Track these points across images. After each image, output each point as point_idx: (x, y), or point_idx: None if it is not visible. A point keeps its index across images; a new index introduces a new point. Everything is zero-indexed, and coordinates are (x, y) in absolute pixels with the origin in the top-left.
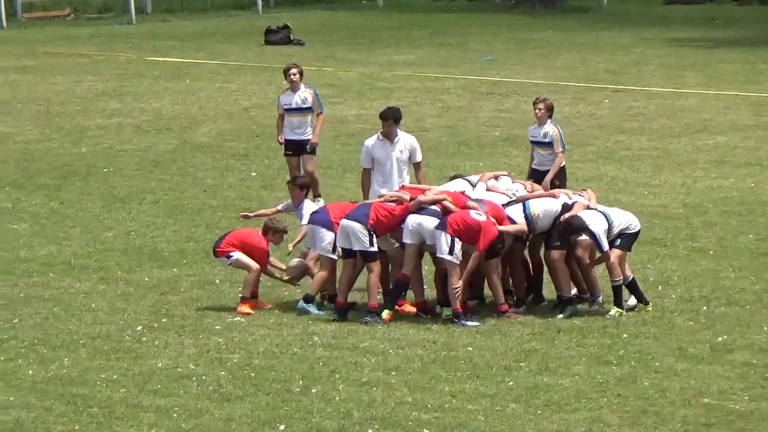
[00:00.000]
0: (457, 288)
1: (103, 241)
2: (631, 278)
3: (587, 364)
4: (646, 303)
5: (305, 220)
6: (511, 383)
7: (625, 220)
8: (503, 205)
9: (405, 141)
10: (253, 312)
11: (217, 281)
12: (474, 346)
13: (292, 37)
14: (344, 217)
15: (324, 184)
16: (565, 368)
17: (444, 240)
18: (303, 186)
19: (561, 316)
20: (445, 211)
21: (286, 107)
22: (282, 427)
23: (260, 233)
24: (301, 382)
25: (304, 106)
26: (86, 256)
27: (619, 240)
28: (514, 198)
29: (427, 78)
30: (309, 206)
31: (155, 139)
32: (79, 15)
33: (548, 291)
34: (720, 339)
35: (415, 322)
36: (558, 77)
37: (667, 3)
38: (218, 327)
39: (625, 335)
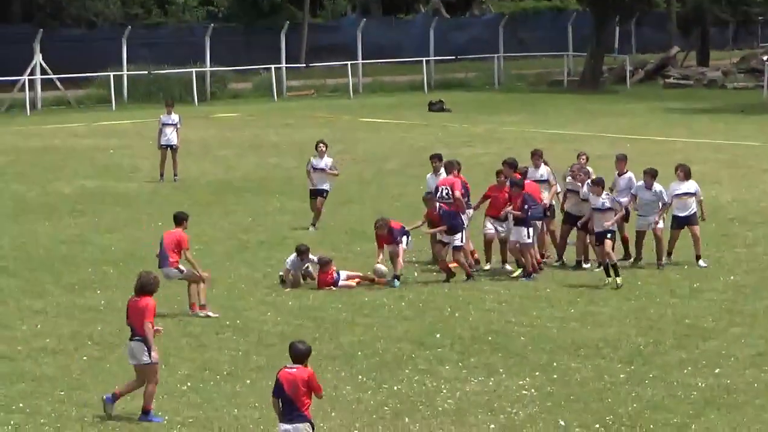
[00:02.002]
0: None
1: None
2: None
3: (618, 299)
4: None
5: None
6: (572, 311)
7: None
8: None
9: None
10: None
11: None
12: (551, 289)
13: (444, 107)
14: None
15: None
16: (605, 302)
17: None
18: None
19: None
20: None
21: (314, 167)
22: (438, 336)
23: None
24: (449, 309)
25: (326, 168)
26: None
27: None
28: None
29: (521, 131)
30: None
31: (361, 166)
32: (319, 94)
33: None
34: (696, 285)
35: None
36: (598, 130)
37: (665, 88)
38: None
39: (639, 282)
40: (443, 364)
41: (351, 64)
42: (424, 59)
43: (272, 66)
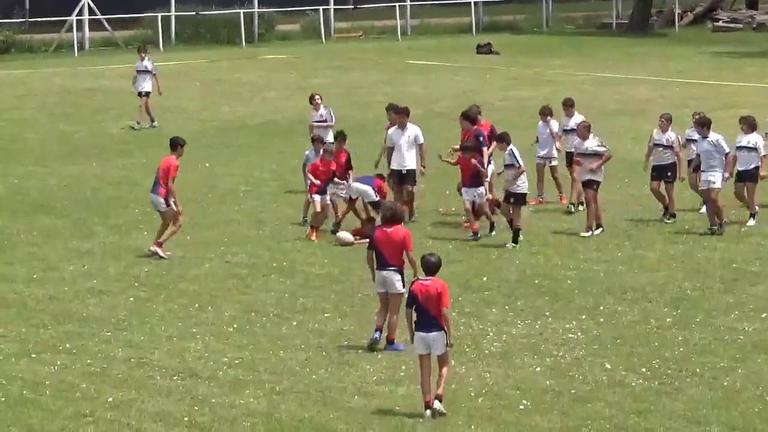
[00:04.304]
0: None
1: None
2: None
3: (665, 243)
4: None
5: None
6: (619, 254)
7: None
8: None
9: (412, 129)
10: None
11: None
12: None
13: (492, 50)
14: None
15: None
16: (652, 246)
17: None
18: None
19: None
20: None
21: (315, 120)
22: (484, 278)
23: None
24: (496, 252)
25: (322, 119)
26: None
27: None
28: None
29: (569, 74)
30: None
31: (410, 109)
32: (366, 36)
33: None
34: (743, 229)
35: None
36: (647, 74)
37: (714, 31)
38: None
39: (686, 226)
40: (490, 307)
41: (399, 5)
42: (472, 1)
43: (320, 7)
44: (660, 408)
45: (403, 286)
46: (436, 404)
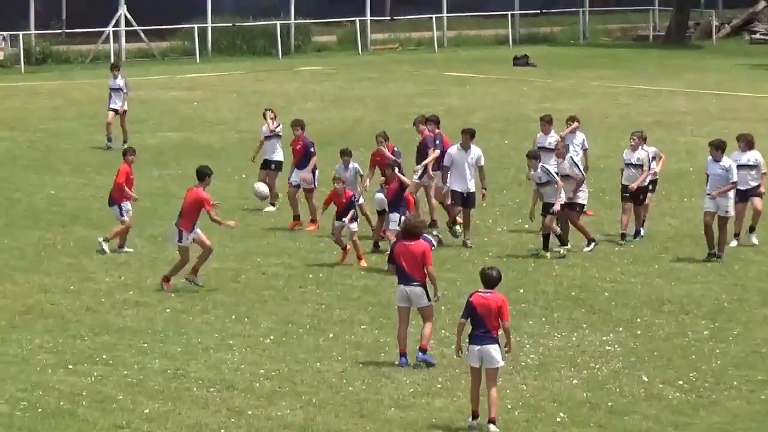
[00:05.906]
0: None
1: None
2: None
3: (702, 255)
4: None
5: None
6: (656, 266)
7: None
8: None
9: (475, 151)
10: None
11: None
12: (635, 244)
13: (529, 62)
14: None
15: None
16: (689, 258)
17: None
18: None
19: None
20: None
21: (265, 135)
22: (521, 291)
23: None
24: (533, 264)
25: (277, 133)
26: None
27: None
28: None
29: (606, 87)
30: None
31: (446, 121)
32: (403, 48)
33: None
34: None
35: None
36: (684, 86)
37: (751, 43)
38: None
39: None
40: (526, 319)
41: (436, 17)
42: (509, 13)
43: (357, 18)
44: (697, 421)
45: (429, 300)
46: (492, 428)
